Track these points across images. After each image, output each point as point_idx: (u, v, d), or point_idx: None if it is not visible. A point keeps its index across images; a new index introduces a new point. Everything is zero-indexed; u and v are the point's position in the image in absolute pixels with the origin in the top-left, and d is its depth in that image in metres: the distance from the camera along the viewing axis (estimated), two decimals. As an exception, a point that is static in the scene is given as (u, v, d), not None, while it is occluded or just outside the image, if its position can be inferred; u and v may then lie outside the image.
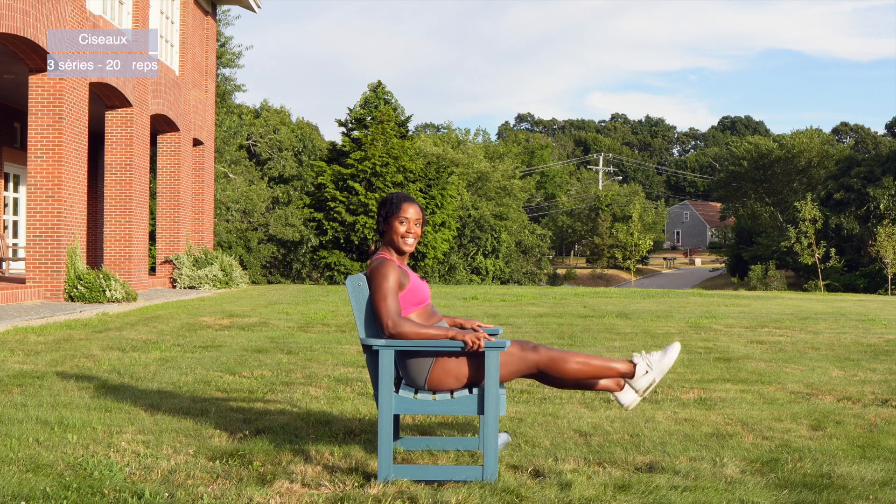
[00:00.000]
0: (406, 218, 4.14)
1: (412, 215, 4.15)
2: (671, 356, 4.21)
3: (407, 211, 4.14)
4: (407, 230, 4.14)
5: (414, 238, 4.18)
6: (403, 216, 4.14)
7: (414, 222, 4.16)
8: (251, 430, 4.76)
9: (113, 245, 17.16)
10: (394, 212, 4.15)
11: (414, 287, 4.10)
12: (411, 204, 4.18)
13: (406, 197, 4.21)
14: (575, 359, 4.07)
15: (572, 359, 4.06)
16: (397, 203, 4.16)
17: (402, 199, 4.19)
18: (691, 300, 17.39)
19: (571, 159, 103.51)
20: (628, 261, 61.94)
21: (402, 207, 4.15)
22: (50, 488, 3.59)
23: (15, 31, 12.39)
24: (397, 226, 4.13)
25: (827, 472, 4.04)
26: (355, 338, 9.41)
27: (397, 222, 4.13)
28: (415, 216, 4.16)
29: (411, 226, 4.15)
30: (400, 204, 4.16)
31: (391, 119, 35.28)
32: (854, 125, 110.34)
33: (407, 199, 4.19)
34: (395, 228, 4.13)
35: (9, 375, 6.53)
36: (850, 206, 54.59)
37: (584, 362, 4.07)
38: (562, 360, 4.05)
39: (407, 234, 4.14)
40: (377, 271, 4.01)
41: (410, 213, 4.14)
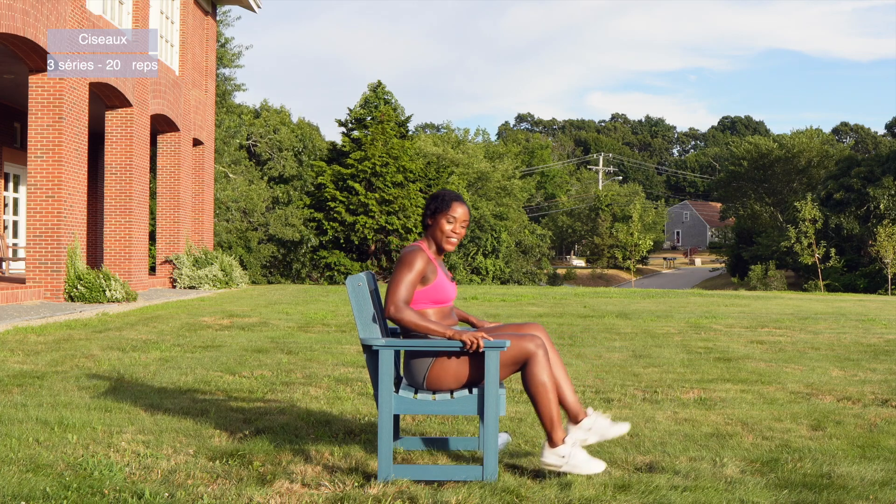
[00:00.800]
0: (454, 217, 4.12)
1: (460, 215, 4.13)
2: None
3: (456, 210, 4.12)
4: (453, 230, 4.12)
5: (457, 238, 4.15)
6: (452, 215, 4.11)
7: (461, 223, 4.14)
8: (251, 430, 4.76)
9: (113, 245, 17.16)
10: (443, 209, 4.12)
11: (439, 285, 4.09)
12: (461, 204, 4.15)
13: (457, 196, 4.18)
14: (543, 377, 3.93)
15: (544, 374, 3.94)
16: (448, 201, 4.14)
17: (452, 197, 4.16)
18: (691, 300, 17.39)
19: (571, 159, 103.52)
20: (628, 261, 61.93)
21: (452, 206, 4.12)
22: (50, 488, 3.59)
23: (15, 31, 12.39)
24: (444, 224, 4.11)
25: (827, 472, 4.04)
26: (355, 338, 9.41)
27: (445, 220, 4.11)
28: (462, 217, 4.13)
29: (457, 226, 4.13)
30: (450, 203, 4.13)
31: (391, 119, 35.28)
32: (854, 125, 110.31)
33: (458, 199, 4.16)
34: (441, 226, 4.11)
35: (9, 375, 6.53)
36: (850, 206, 54.59)
37: (548, 387, 3.93)
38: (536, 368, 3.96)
39: (452, 234, 4.12)
40: (405, 257, 4.02)
41: (459, 213, 4.12)
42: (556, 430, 3.92)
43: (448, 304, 4.17)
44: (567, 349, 8.73)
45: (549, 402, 3.91)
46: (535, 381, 3.92)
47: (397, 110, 38.47)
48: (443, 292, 4.11)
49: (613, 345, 9.20)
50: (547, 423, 3.93)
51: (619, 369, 7.40)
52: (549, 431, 3.93)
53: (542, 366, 3.92)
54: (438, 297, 4.09)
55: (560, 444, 3.91)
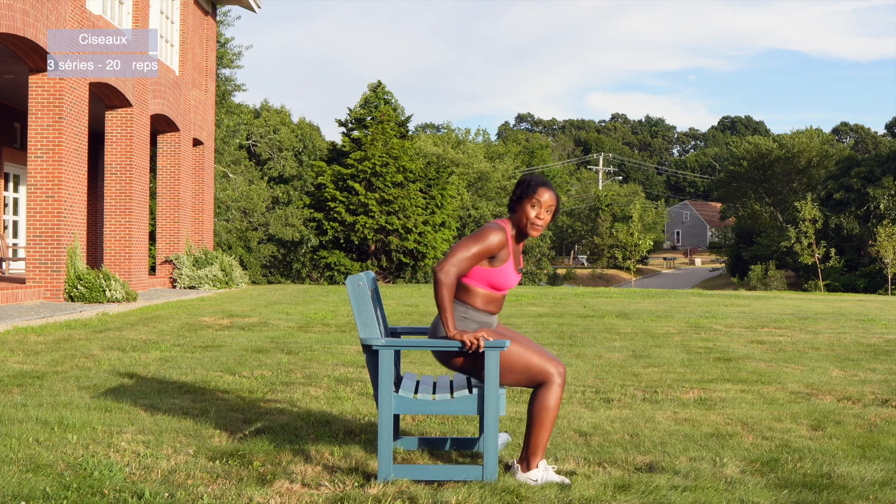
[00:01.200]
0: (539, 202, 4.00)
1: (546, 201, 4.01)
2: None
3: (542, 195, 4.00)
4: (537, 216, 4.00)
5: (542, 224, 4.03)
6: (537, 199, 4.00)
7: (546, 208, 4.01)
8: (251, 430, 4.76)
9: (113, 245, 17.16)
10: (528, 194, 4.02)
11: (504, 271, 4.00)
12: (547, 189, 4.03)
13: (544, 182, 4.07)
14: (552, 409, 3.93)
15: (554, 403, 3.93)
16: (534, 186, 4.03)
17: (539, 183, 4.05)
18: (691, 300, 17.39)
19: (571, 159, 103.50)
20: (628, 261, 61.92)
21: (538, 191, 4.01)
22: (50, 488, 3.59)
23: (15, 31, 12.39)
24: (528, 209, 4.00)
25: (827, 472, 4.04)
26: (355, 338, 9.41)
27: (529, 206, 4.00)
28: (548, 202, 4.01)
29: (542, 212, 4.01)
30: (536, 188, 4.02)
31: (391, 119, 35.27)
32: (854, 125, 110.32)
33: (544, 185, 4.04)
34: (525, 211, 4.00)
35: (9, 375, 6.53)
36: (850, 206, 54.59)
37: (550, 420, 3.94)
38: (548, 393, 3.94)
39: (536, 220, 4.00)
40: (483, 230, 3.97)
41: (545, 199, 4.00)
42: (537, 454, 3.91)
43: (502, 293, 4.08)
44: (567, 349, 8.73)
45: (546, 430, 3.90)
46: (545, 405, 3.90)
47: (397, 110, 38.45)
48: (503, 279, 4.02)
49: (613, 345, 9.20)
50: (533, 447, 3.91)
51: (619, 369, 7.40)
52: (531, 456, 3.92)
53: (557, 394, 3.92)
54: (497, 282, 4.01)
55: (533, 469, 3.91)
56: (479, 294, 4.02)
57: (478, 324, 4.03)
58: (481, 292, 4.01)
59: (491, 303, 4.05)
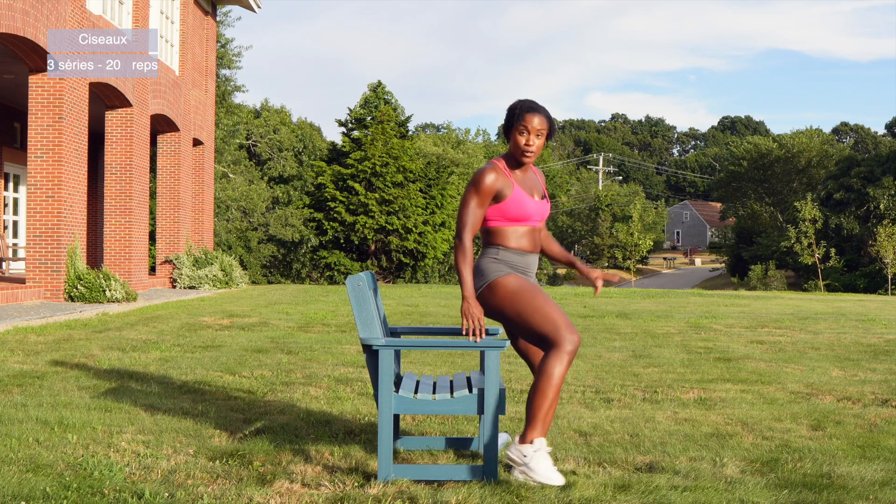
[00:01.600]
0: (526, 128, 3.91)
1: (534, 125, 3.91)
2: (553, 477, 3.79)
3: (529, 121, 3.90)
4: (526, 142, 3.92)
5: (534, 150, 3.93)
6: (524, 125, 3.91)
7: (535, 133, 3.92)
8: (251, 430, 4.76)
9: (113, 245, 17.16)
10: (514, 122, 3.94)
11: (514, 200, 3.94)
12: (535, 113, 3.92)
13: (531, 105, 3.95)
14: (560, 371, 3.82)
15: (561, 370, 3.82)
16: (520, 112, 3.93)
17: (525, 108, 3.94)
18: (691, 300, 17.39)
19: (571, 159, 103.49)
20: (628, 261, 61.91)
21: (525, 117, 3.91)
22: (50, 488, 3.59)
23: (15, 31, 12.39)
24: (517, 137, 3.92)
25: (827, 472, 4.03)
26: (355, 338, 9.41)
27: (517, 133, 3.92)
28: (538, 126, 3.91)
29: (532, 137, 3.92)
30: (522, 114, 3.92)
31: (391, 119, 35.27)
32: (854, 125, 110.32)
33: (531, 109, 3.93)
34: (514, 139, 3.93)
35: (9, 375, 6.52)
36: (850, 206, 54.58)
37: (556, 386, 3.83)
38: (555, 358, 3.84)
39: (525, 147, 3.92)
40: (473, 178, 3.95)
41: (533, 124, 3.91)
42: (535, 427, 3.82)
43: (527, 223, 3.98)
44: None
45: (547, 399, 3.81)
46: (548, 371, 3.80)
47: (397, 110, 38.46)
48: (518, 208, 3.94)
49: (613, 345, 9.20)
50: (531, 417, 3.83)
51: (619, 369, 7.40)
52: (527, 428, 3.84)
53: (564, 363, 3.81)
54: (513, 213, 3.94)
55: (527, 444, 3.81)
56: (504, 232, 3.97)
57: (510, 267, 3.95)
58: (506, 229, 3.97)
59: (521, 238, 3.98)
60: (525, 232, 3.99)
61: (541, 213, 4.05)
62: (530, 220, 4.00)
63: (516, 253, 3.98)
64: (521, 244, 3.99)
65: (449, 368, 7.26)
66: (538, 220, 4.04)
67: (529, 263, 4.02)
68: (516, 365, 7.49)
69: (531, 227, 4.01)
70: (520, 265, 3.99)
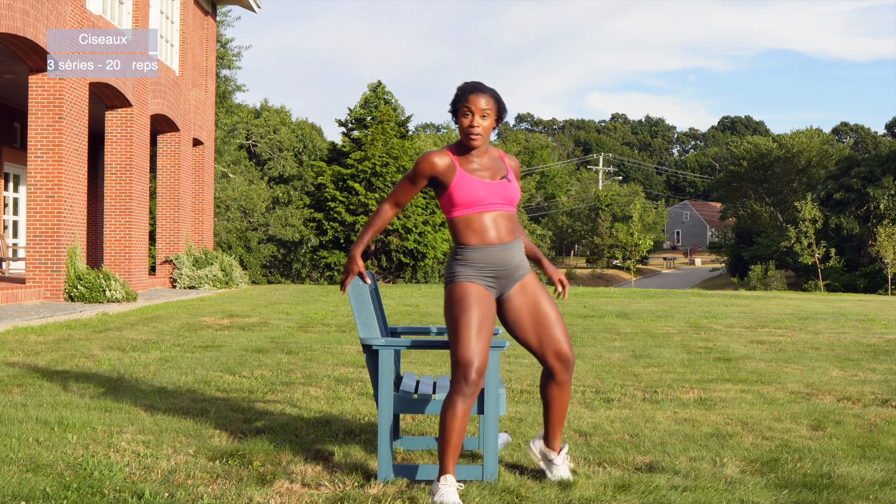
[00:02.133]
0: (469, 110, 3.69)
1: (478, 106, 3.68)
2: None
3: (472, 102, 3.69)
4: (470, 124, 3.70)
5: (480, 132, 3.70)
6: (467, 107, 3.69)
7: (480, 114, 3.69)
8: (251, 430, 4.76)
9: (113, 245, 17.16)
10: (457, 104, 3.73)
11: (458, 183, 3.69)
12: (477, 94, 3.70)
13: (473, 87, 3.73)
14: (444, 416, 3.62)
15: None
16: (461, 95, 3.73)
17: (467, 89, 3.73)
18: (691, 300, 17.39)
19: (571, 159, 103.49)
20: (628, 261, 61.90)
21: (468, 99, 3.70)
22: (50, 488, 3.59)
23: (15, 31, 12.39)
24: (462, 119, 3.71)
25: (827, 472, 4.03)
26: (355, 338, 9.41)
27: (462, 116, 3.71)
28: (482, 107, 3.68)
29: (475, 119, 3.69)
30: (465, 95, 3.71)
31: (391, 119, 35.27)
32: (854, 125, 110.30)
33: (473, 89, 3.71)
34: (460, 123, 3.72)
35: (9, 375, 6.52)
36: (850, 206, 54.56)
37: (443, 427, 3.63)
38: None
39: (470, 130, 3.70)
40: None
41: (477, 105, 3.68)
42: (441, 463, 3.63)
43: (477, 209, 3.68)
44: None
45: (443, 434, 3.62)
46: (443, 406, 3.64)
47: (397, 110, 38.45)
48: (464, 192, 3.68)
49: (613, 345, 9.20)
50: (438, 450, 3.68)
51: (619, 369, 7.40)
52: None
53: (455, 405, 3.59)
54: (459, 199, 3.68)
55: (437, 479, 3.61)
56: (459, 225, 3.71)
57: (473, 269, 3.68)
58: (461, 219, 3.70)
59: (482, 228, 3.68)
60: (483, 220, 3.69)
61: (501, 194, 3.72)
62: (482, 205, 3.68)
63: (477, 249, 3.68)
64: (484, 237, 3.68)
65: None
66: (497, 203, 3.71)
67: (498, 258, 3.70)
68: (516, 365, 7.49)
69: (491, 212, 3.70)
70: (483, 262, 3.69)
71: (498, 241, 3.70)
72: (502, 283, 3.75)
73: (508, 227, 3.73)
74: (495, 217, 3.71)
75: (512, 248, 3.73)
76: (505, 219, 3.72)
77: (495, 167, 3.77)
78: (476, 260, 3.70)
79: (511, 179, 3.76)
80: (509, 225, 3.73)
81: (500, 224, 3.71)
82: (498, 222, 3.71)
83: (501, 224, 3.71)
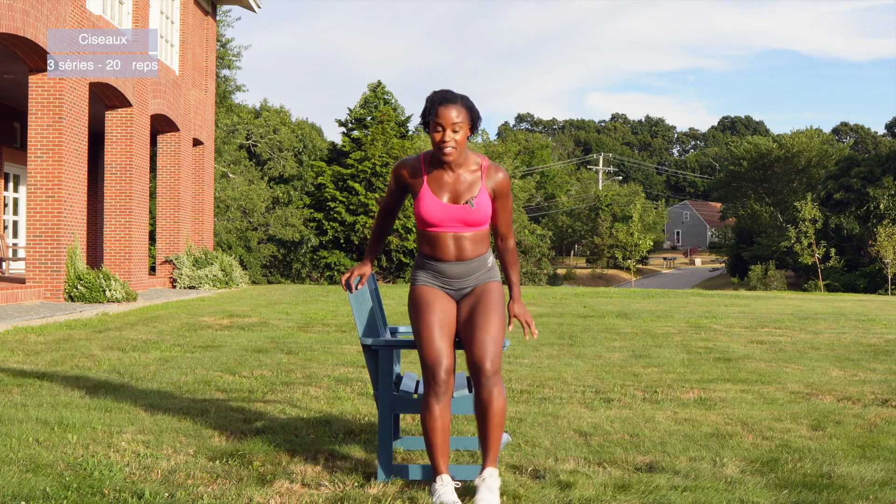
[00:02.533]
0: (440, 124, 3.56)
1: (448, 119, 3.54)
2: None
3: (442, 115, 3.55)
4: (441, 138, 3.57)
5: (451, 145, 3.57)
6: (437, 122, 3.56)
7: (451, 127, 3.55)
8: (251, 430, 4.76)
9: (113, 245, 17.16)
10: (427, 117, 3.60)
11: (419, 201, 3.65)
12: (448, 106, 3.56)
13: (443, 97, 3.59)
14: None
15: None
16: (430, 107, 3.59)
17: (437, 101, 3.59)
18: (691, 300, 17.39)
19: (571, 159, 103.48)
20: (628, 261, 61.89)
21: (437, 112, 3.56)
22: (50, 488, 3.59)
23: (15, 31, 12.39)
24: (433, 135, 3.58)
25: (827, 472, 4.03)
26: (355, 338, 9.41)
27: (432, 130, 3.58)
28: (452, 119, 3.54)
29: (447, 133, 3.56)
30: (435, 108, 3.57)
31: (391, 119, 35.27)
32: (854, 125, 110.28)
33: (443, 101, 3.57)
34: (431, 137, 3.59)
35: (9, 375, 6.52)
36: (850, 206, 54.57)
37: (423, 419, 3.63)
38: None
39: (443, 143, 3.57)
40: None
41: (447, 117, 3.54)
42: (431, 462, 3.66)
43: (433, 229, 3.65)
44: (567, 349, 8.73)
45: (425, 434, 3.64)
46: (422, 406, 3.66)
47: (397, 110, 38.45)
48: (423, 212, 3.64)
49: (613, 345, 9.20)
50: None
51: (619, 369, 7.40)
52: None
53: (427, 404, 3.61)
54: (418, 215, 3.66)
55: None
56: (420, 235, 3.73)
57: (428, 273, 3.74)
58: (420, 232, 3.71)
59: (426, 243, 3.69)
60: (430, 237, 3.68)
61: (460, 219, 3.64)
62: (439, 226, 3.65)
63: (429, 258, 3.73)
64: (437, 253, 3.69)
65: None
66: (453, 227, 3.65)
67: (450, 271, 3.71)
68: (516, 365, 7.49)
69: (448, 233, 3.66)
70: (438, 272, 3.73)
71: (449, 259, 3.71)
72: (458, 291, 3.78)
73: (465, 247, 3.69)
74: (453, 237, 3.68)
75: (467, 265, 3.72)
76: (465, 240, 3.68)
77: (465, 187, 3.65)
78: (431, 268, 3.75)
79: (477, 204, 3.63)
80: (468, 245, 3.69)
81: (456, 244, 3.69)
82: (454, 242, 3.69)
83: (457, 244, 3.69)
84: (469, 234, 3.67)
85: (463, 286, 3.75)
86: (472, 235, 3.68)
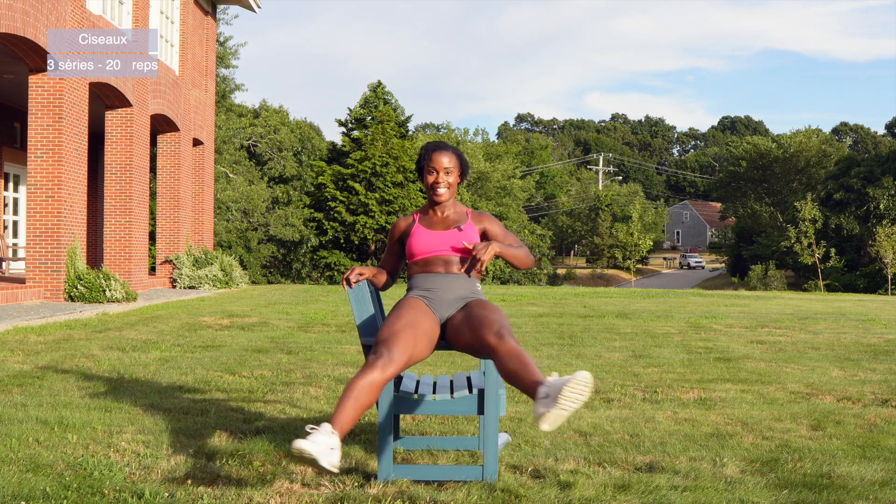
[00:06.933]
0: (433, 168, 4.03)
1: (441, 164, 4.02)
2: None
3: (434, 160, 4.03)
4: (435, 181, 4.03)
5: (445, 188, 4.04)
6: (431, 166, 4.04)
7: (443, 171, 4.03)
8: (251, 430, 4.76)
9: (113, 245, 17.17)
10: (422, 163, 4.07)
11: (411, 237, 4.07)
12: (440, 152, 4.04)
13: (436, 146, 4.08)
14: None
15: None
16: (426, 154, 4.07)
17: (431, 148, 4.08)
18: (691, 300, 17.39)
19: (571, 159, 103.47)
20: (628, 261, 61.92)
21: (431, 157, 4.04)
22: (50, 488, 3.59)
23: (15, 31, 12.39)
24: (427, 177, 4.05)
25: (827, 472, 4.03)
26: (355, 338, 9.41)
27: (426, 173, 4.06)
28: (444, 164, 4.03)
29: (440, 176, 4.03)
30: (429, 154, 4.06)
31: (391, 119, 35.27)
32: (854, 125, 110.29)
33: (436, 148, 4.06)
34: (425, 180, 4.07)
35: (9, 375, 6.52)
36: (850, 206, 54.58)
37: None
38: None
39: (436, 185, 4.04)
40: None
41: (440, 162, 4.02)
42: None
43: (426, 255, 4.04)
44: (567, 349, 8.73)
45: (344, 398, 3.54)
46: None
47: (397, 110, 38.45)
48: (413, 246, 4.05)
49: (613, 345, 9.20)
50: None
51: (619, 369, 7.40)
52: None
53: (363, 373, 3.57)
54: (410, 248, 4.06)
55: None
56: (412, 266, 4.11)
57: (418, 288, 4.03)
58: (412, 263, 4.11)
59: (416, 266, 4.08)
60: (424, 260, 4.05)
61: (449, 243, 4.03)
62: (431, 252, 4.03)
63: (421, 275, 4.05)
64: (427, 268, 4.06)
65: (449, 368, 7.26)
66: (444, 251, 4.03)
67: (438, 282, 3.99)
68: (516, 365, 7.48)
69: (434, 256, 4.02)
70: (427, 284, 4.01)
71: (438, 271, 4.02)
72: (445, 306, 3.95)
73: (454, 263, 4.03)
74: (444, 259, 4.03)
75: (455, 278, 4.00)
76: (454, 264, 4.03)
77: (452, 221, 4.09)
78: (419, 284, 4.02)
79: (465, 229, 4.03)
80: (455, 265, 4.03)
81: (445, 263, 4.03)
82: (443, 261, 4.03)
83: (446, 263, 4.03)
84: (458, 258, 4.02)
85: (452, 297, 3.95)
86: (460, 259, 4.02)
